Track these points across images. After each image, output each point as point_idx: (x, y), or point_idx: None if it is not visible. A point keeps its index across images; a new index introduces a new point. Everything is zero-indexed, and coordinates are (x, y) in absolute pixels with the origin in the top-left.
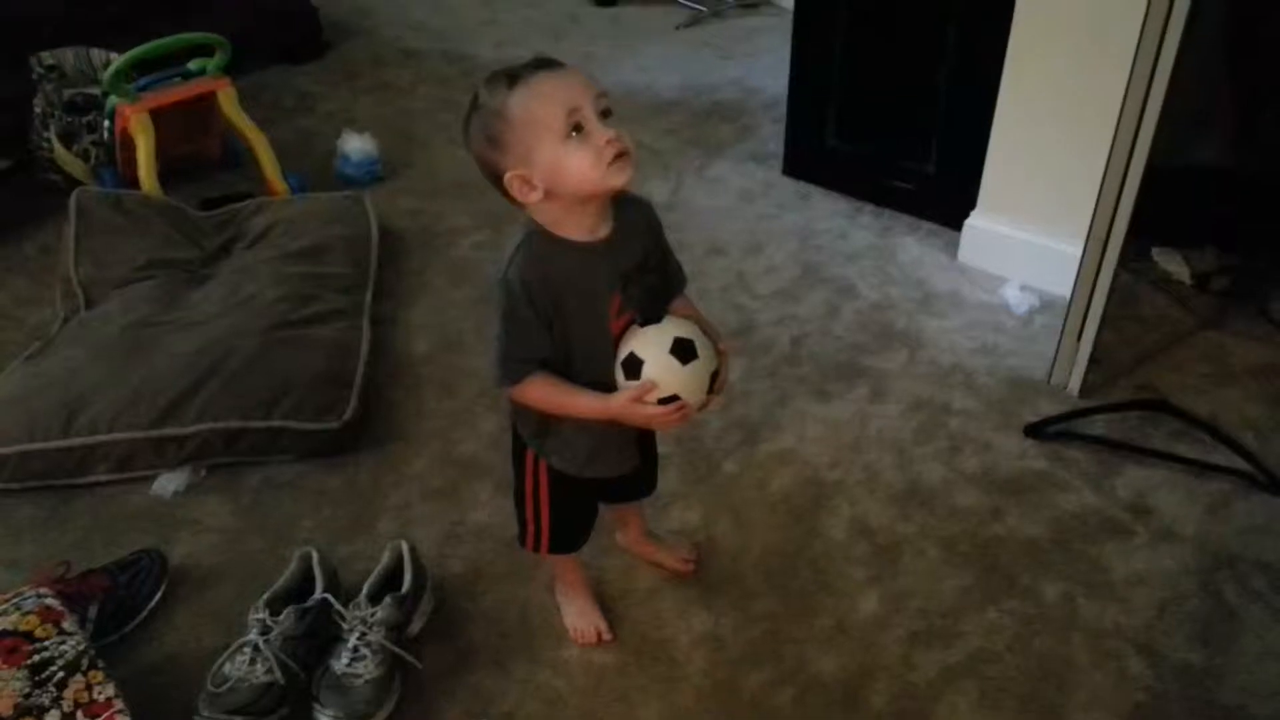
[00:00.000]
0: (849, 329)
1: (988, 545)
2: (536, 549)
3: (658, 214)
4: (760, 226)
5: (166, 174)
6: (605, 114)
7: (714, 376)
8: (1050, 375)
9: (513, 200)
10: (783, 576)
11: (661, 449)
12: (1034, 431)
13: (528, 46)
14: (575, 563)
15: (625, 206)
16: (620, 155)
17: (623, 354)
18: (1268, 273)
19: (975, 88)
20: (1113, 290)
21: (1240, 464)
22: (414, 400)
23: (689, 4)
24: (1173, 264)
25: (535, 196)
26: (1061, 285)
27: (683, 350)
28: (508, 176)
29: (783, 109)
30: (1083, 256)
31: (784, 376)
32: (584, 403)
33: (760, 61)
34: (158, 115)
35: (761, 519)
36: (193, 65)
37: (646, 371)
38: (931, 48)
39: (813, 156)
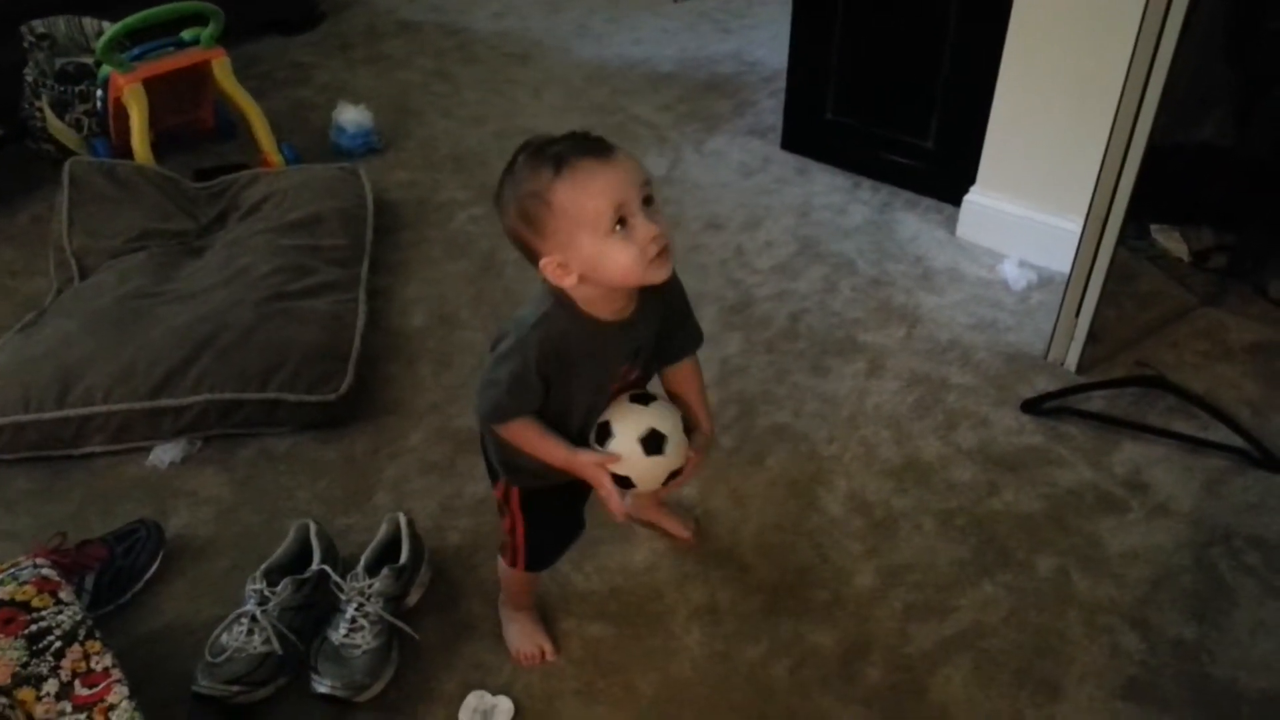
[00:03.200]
0: (847, 305)
1: (984, 520)
2: (513, 564)
3: (679, 279)
4: (758, 201)
5: (160, 144)
6: (648, 201)
7: (673, 475)
8: (1048, 351)
9: (538, 270)
10: (779, 550)
11: None
12: (1031, 407)
13: (525, 19)
14: (534, 582)
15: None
16: (662, 251)
17: (602, 417)
18: (1265, 251)
19: (976, 63)
20: (1112, 267)
21: (1236, 440)
22: (410, 374)
23: None
24: (1171, 241)
25: (570, 281)
26: (1060, 262)
27: (653, 443)
28: (545, 261)
29: (782, 82)
30: (1082, 233)
31: (781, 352)
32: (555, 451)
33: (759, 34)
34: (151, 85)
35: (758, 494)
36: (186, 35)
37: (612, 446)
38: (933, 22)
39: (811, 131)
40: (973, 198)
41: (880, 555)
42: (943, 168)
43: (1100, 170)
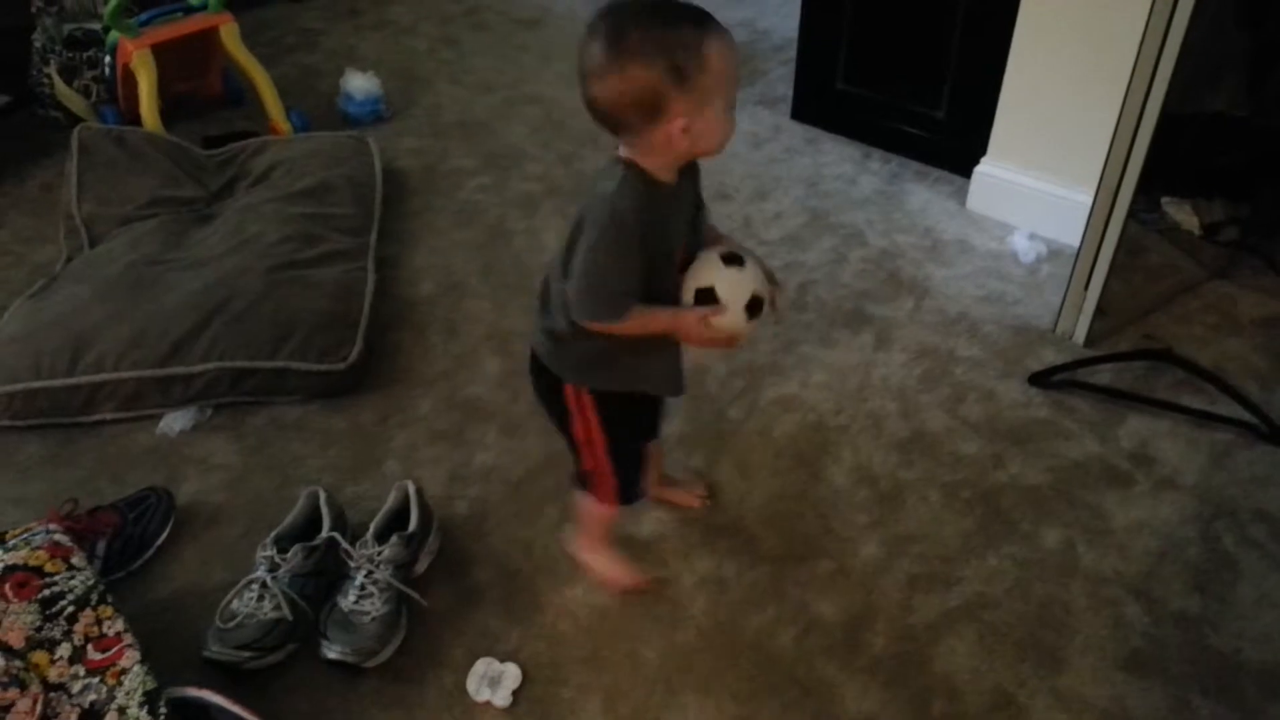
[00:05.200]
0: (856, 276)
1: (989, 492)
2: (606, 498)
3: None
4: (768, 171)
5: (168, 111)
6: None
7: (755, 301)
8: (1056, 324)
9: (625, 134)
10: (785, 521)
11: None
12: (1038, 380)
13: None
14: (615, 519)
15: None
16: None
17: (692, 284)
18: (1277, 224)
19: (988, 33)
20: (1122, 240)
21: (1243, 414)
22: (419, 343)
23: None
24: (1182, 214)
25: (684, 145)
26: (1070, 234)
27: (732, 259)
28: (679, 124)
29: (792, 52)
30: (1093, 206)
31: (790, 323)
32: (659, 318)
33: (770, 3)
34: (159, 51)
35: (765, 464)
36: (194, 0)
37: (719, 289)
38: None
39: (822, 101)
40: (983, 169)
41: (885, 526)
42: (953, 138)
43: (1112, 142)
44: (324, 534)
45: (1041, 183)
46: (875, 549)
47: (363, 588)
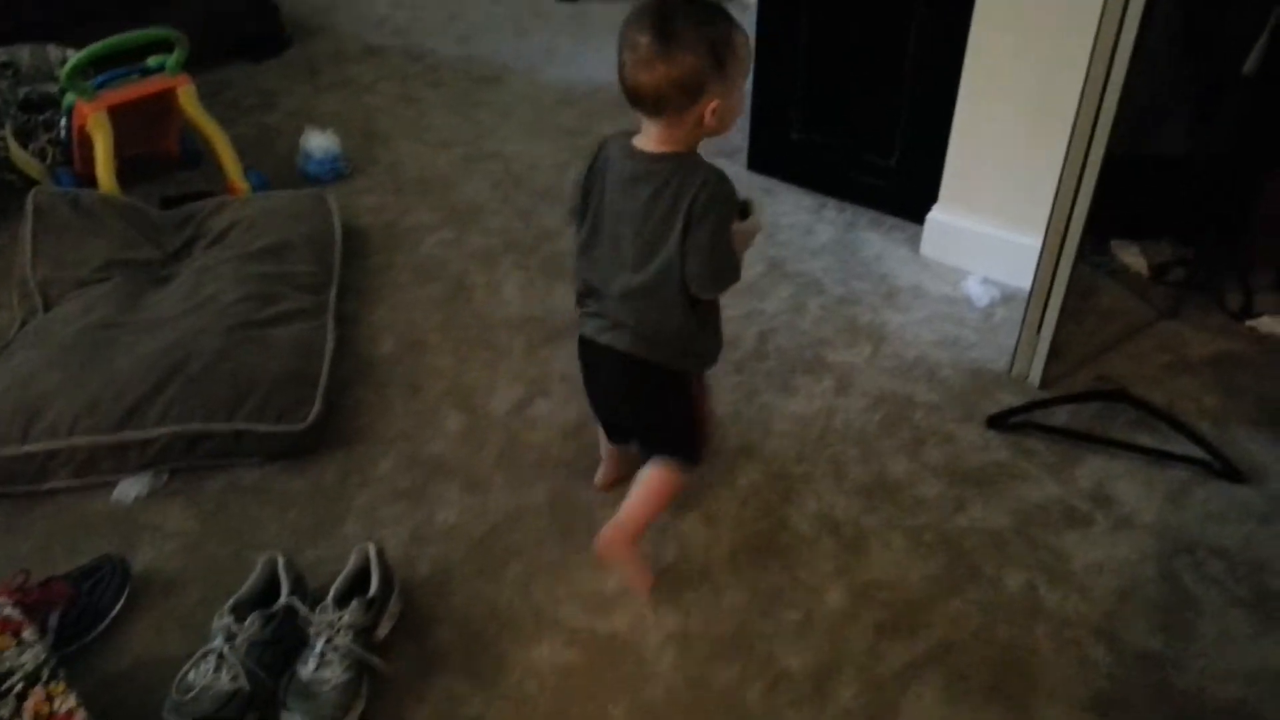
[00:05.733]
0: (814, 323)
1: (952, 536)
2: (700, 459)
3: None
4: None
5: (125, 172)
6: None
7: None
8: (1011, 367)
9: (665, 114)
10: (751, 571)
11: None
12: (996, 423)
13: (492, 41)
14: None
15: None
16: None
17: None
18: (1222, 263)
19: (937, 82)
20: (1072, 282)
21: (1198, 452)
22: (379, 400)
23: None
24: (1130, 255)
25: (712, 124)
26: (1022, 278)
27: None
28: (714, 104)
29: (747, 103)
30: (1042, 249)
31: (751, 372)
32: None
33: None
34: (116, 113)
35: (730, 514)
36: (151, 62)
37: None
38: (894, 42)
39: (777, 151)
40: (935, 215)
41: (851, 573)
42: (906, 186)
43: (1058, 186)
44: (282, 600)
45: (992, 228)
46: (841, 597)
47: (322, 655)
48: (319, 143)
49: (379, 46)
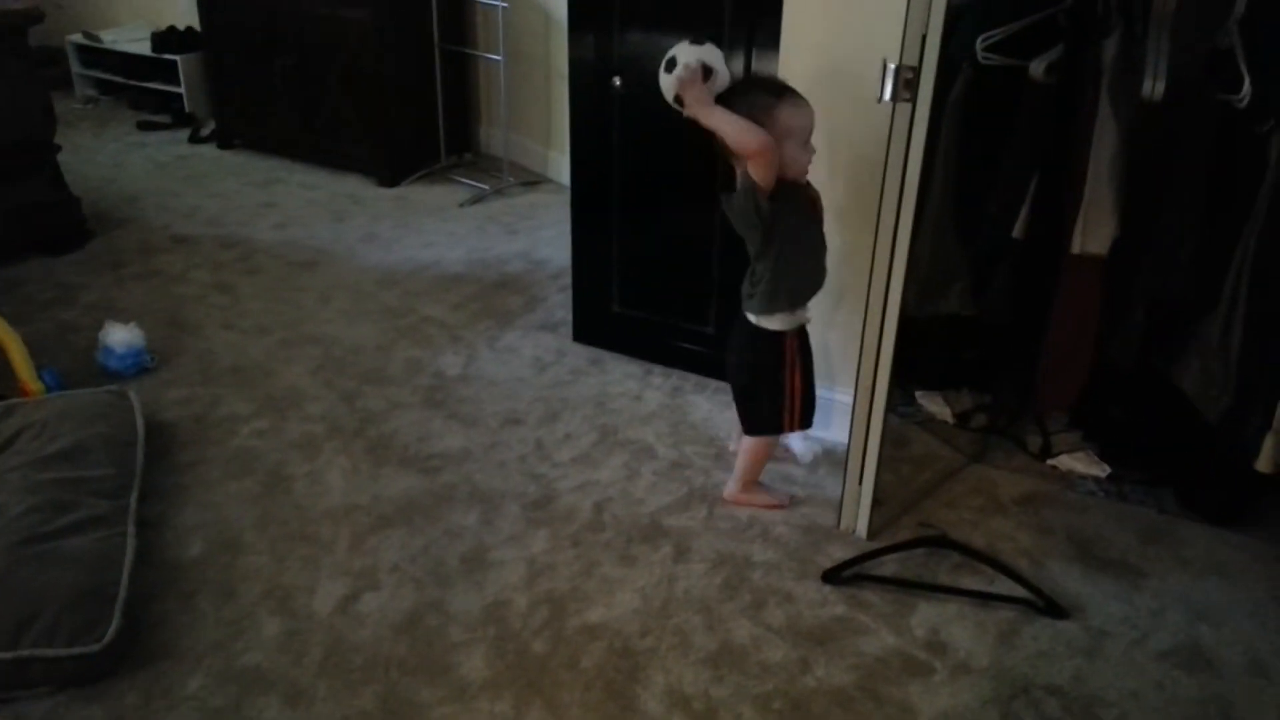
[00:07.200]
0: (649, 490)
1: (799, 699)
2: (790, 427)
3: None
4: (555, 394)
5: None
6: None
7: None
8: (839, 520)
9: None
10: None
11: (468, 634)
12: (831, 577)
13: (309, 228)
14: None
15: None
16: None
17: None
18: (1017, 409)
19: (744, 250)
20: (885, 434)
21: (1021, 592)
22: (187, 610)
23: (472, 183)
24: (935, 405)
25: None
26: (841, 432)
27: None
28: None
29: (568, 279)
30: (854, 405)
31: (588, 544)
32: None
33: (544, 234)
34: None
35: (576, 699)
36: None
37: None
38: (701, 219)
39: (601, 323)
40: None
41: None
42: (723, 352)
43: (861, 346)
44: None
45: None
46: None
47: None
48: (120, 336)
49: (189, 236)
